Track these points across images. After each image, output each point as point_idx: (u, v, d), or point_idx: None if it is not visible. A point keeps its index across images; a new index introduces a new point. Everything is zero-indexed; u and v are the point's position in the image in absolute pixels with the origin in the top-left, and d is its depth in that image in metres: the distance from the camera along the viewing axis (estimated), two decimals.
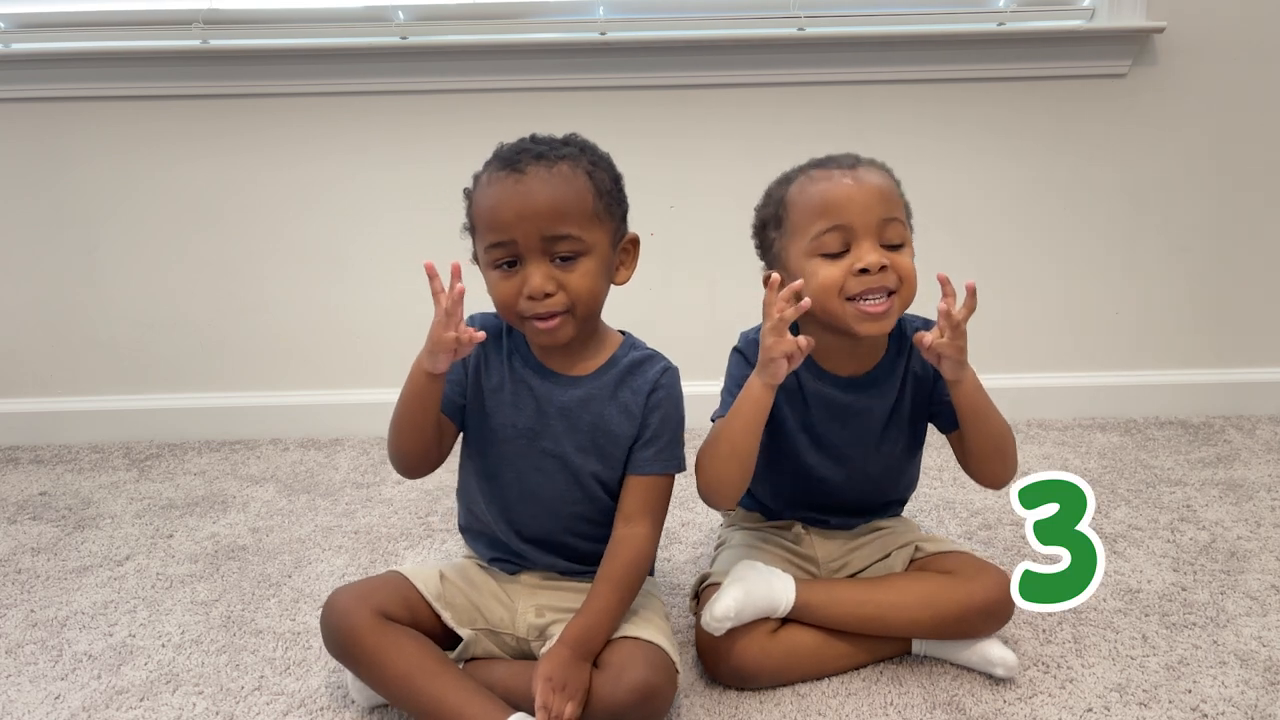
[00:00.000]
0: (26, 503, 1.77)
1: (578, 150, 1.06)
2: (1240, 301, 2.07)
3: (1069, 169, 1.99)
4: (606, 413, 1.09)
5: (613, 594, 1.06)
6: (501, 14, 1.91)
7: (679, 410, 1.13)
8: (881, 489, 1.24)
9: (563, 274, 1.02)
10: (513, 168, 1.02)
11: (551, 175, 1.01)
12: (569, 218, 1.01)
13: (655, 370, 1.12)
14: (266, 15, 1.91)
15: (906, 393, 1.18)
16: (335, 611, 1.05)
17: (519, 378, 1.11)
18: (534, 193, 1.00)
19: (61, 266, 2.02)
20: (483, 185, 1.05)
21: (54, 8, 1.91)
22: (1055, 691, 1.11)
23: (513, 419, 1.10)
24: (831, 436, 1.17)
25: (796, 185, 1.11)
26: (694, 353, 1.41)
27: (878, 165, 1.12)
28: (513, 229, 1.00)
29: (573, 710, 0.96)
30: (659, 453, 1.10)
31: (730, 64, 1.92)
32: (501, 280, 1.03)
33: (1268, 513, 1.59)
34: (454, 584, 1.12)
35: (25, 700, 1.14)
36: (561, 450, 1.10)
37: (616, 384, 1.10)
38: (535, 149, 1.04)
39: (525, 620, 1.12)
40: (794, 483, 1.21)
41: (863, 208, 1.05)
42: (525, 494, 1.12)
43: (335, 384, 2.07)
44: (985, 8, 1.93)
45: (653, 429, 1.10)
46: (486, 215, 1.03)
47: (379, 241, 2.00)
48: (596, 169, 1.06)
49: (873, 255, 1.04)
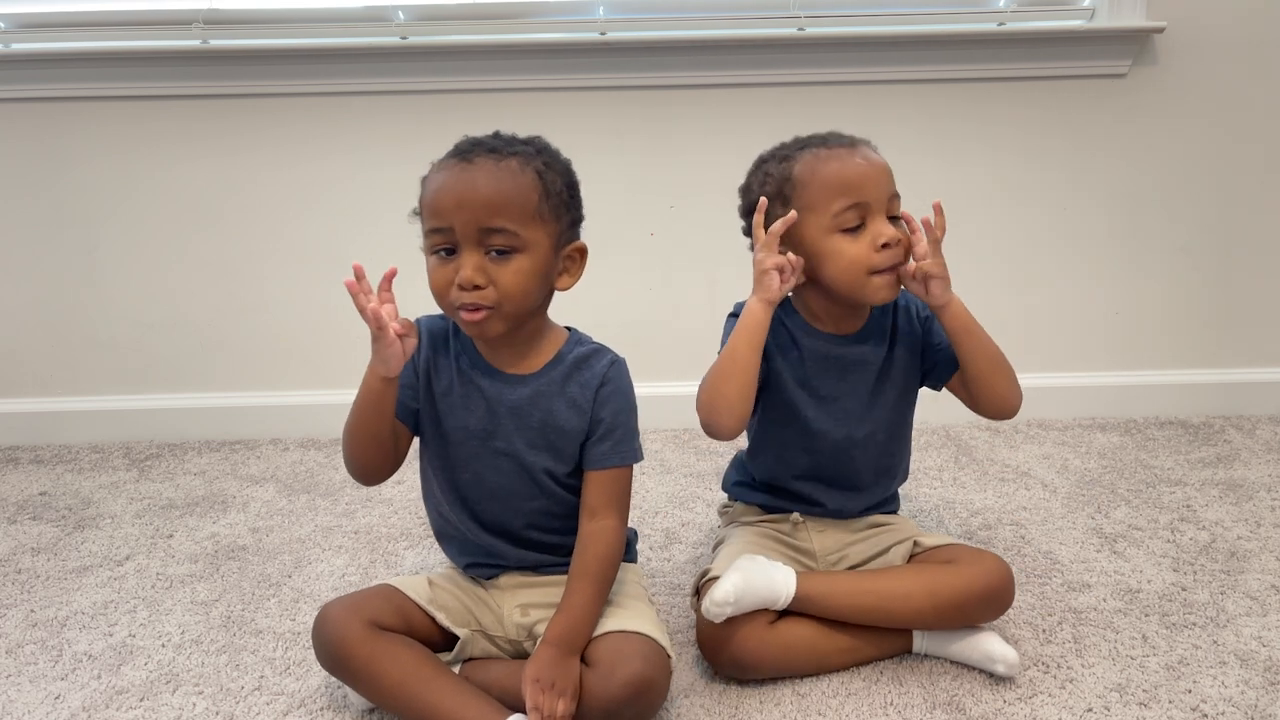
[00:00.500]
0: (26, 503, 1.77)
1: (534, 150, 1.06)
2: (1240, 301, 2.07)
3: (1069, 169, 1.99)
4: (555, 408, 1.10)
5: (589, 588, 1.06)
6: (501, 14, 1.91)
7: (629, 401, 1.13)
8: (879, 449, 1.25)
9: (495, 268, 1.01)
10: (462, 157, 1.03)
11: (498, 168, 1.01)
12: (507, 212, 1.01)
13: (602, 364, 1.12)
14: (266, 15, 1.90)
15: (896, 347, 1.23)
16: (327, 624, 1.05)
17: (467, 379, 1.11)
18: (476, 182, 1.00)
19: (61, 266, 2.02)
20: (433, 171, 1.05)
21: (54, 8, 1.91)
22: (1055, 691, 1.11)
23: (464, 421, 1.10)
24: (828, 390, 1.21)
25: (804, 164, 1.14)
26: (694, 352, 1.41)
27: (866, 142, 1.19)
28: (451, 216, 1.00)
29: (565, 706, 0.96)
30: (615, 446, 1.11)
31: (730, 64, 1.92)
32: (437, 266, 1.03)
33: (1268, 513, 1.59)
34: (444, 588, 1.13)
35: (25, 700, 1.14)
36: (514, 448, 1.10)
37: (564, 380, 1.11)
38: (492, 143, 1.05)
39: (512, 621, 1.12)
40: (797, 444, 1.23)
41: (876, 185, 1.13)
42: (485, 494, 1.12)
43: (335, 384, 2.06)
44: (985, 8, 1.93)
45: (605, 423, 1.10)
46: (430, 200, 1.03)
47: (379, 241, 2.00)
48: (549, 170, 1.05)
49: (890, 229, 1.12)
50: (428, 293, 1.05)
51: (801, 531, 1.26)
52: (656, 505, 1.68)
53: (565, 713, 0.96)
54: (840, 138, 1.17)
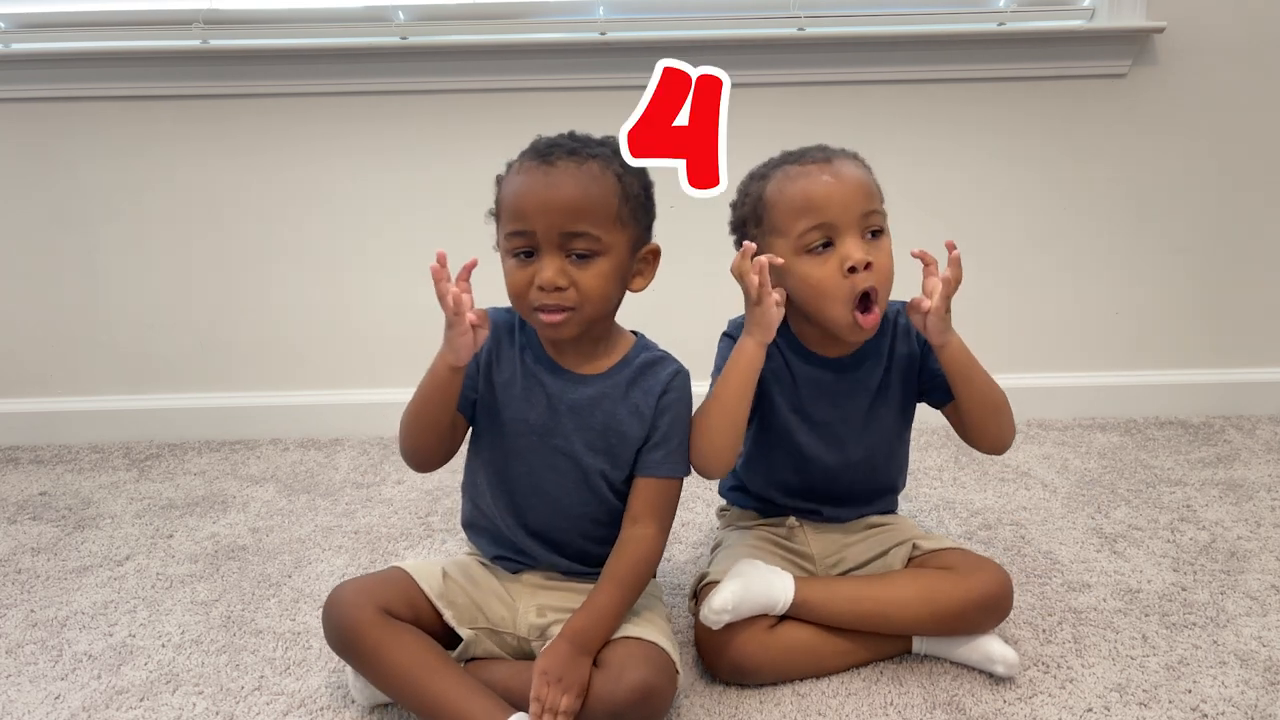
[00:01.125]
0: (26, 503, 1.77)
1: (610, 152, 1.06)
2: (1240, 301, 2.07)
3: (1069, 169, 1.99)
4: (617, 413, 1.10)
5: (616, 591, 1.06)
6: (501, 14, 1.91)
7: (689, 413, 1.13)
8: (873, 469, 1.25)
9: (576, 271, 1.02)
10: (543, 159, 1.03)
11: (580, 172, 1.02)
12: (590, 216, 1.01)
13: (667, 372, 1.12)
14: (266, 15, 1.90)
15: (893, 370, 1.20)
16: (338, 606, 1.05)
17: (530, 373, 1.11)
18: (559, 186, 1.01)
19: (61, 267, 2.02)
20: (512, 173, 1.06)
21: (54, 8, 1.91)
22: (1055, 691, 1.11)
23: (524, 414, 1.10)
24: (822, 415, 1.19)
25: (774, 183, 1.12)
26: (694, 352, 1.41)
27: (850, 155, 1.14)
28: (533, 219, 1.01)
29: (569, 702, 0.96)
30: (668, 455, 1.11)
31: (730, 64, 1.89)
32: (517, 269, 1.04)
33: (1268, 513, 1.59)
34: (456, 582, 1.13)
35: (25, 700, 1.14)
36: (572, 449, 1.10)
37: (628, 384, 1.11)
38: (569, 144, 1.05)
39: (526, 620, 1.12)
40: (788, 466, 1.23)
41: (843, 205, 1.08)
42: (534, 490, 1.12)
43: (335, 384, 2.07)
44: (985, 8, 1.93)
45: (662, 431, 1.11)
46: (510, 202, 1.03)
47: (379, 241, 2.00)
48: (627, 173, 1.06)
49: (858, 253, 1.07)
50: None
51: (798, 535, 1.25)
52: None
53: (568, 708, 0.96)
54: (817, 152, 1.13)
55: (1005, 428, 1.15)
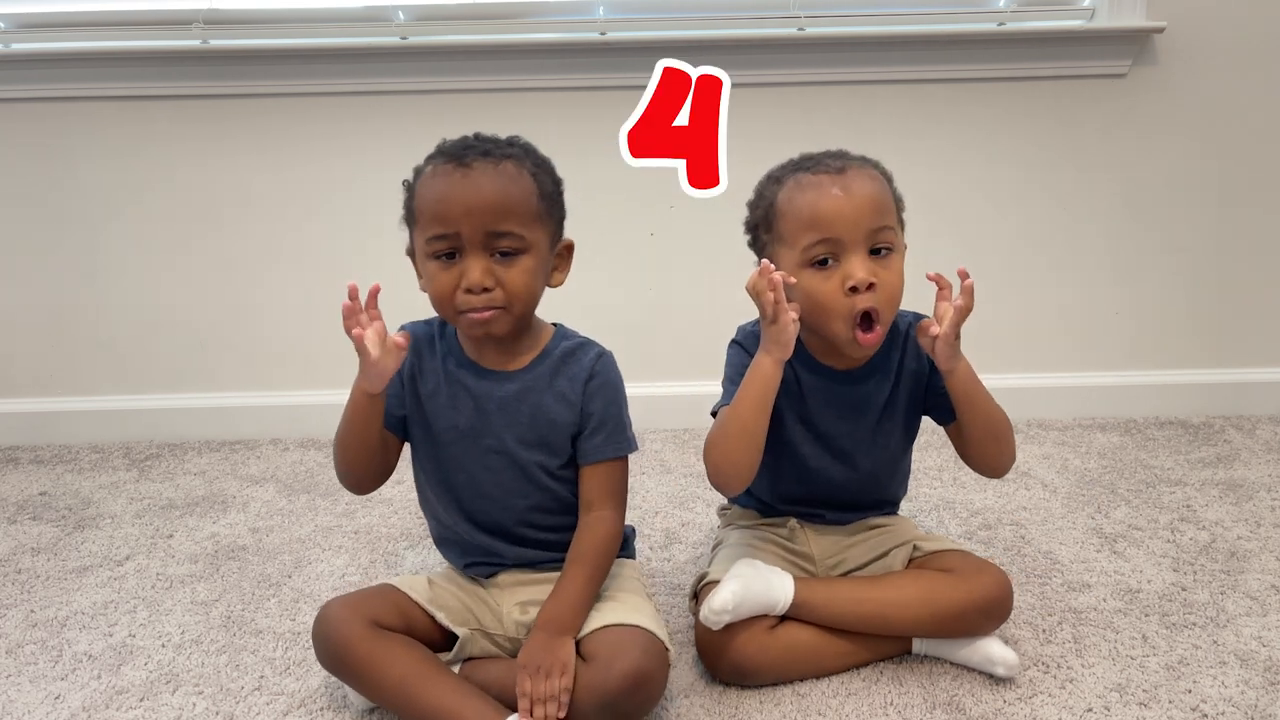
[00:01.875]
0: (26, 503, 1.77)
1: (522, 151, 1.08)
2: (1239, 301, 2.07)
3: (1069, 169, 1.99)
4: (544, 402, 1.11)
5: (581, 573, 1.07)
6: (501, 14, 1.91)
7: (619, 393, 1.14)
8: (877, 482, 1.25)
9: (502, 270, 1.04)
10: (459, 162, 1.03)
11: (498, 172, 1.03)
12: (513, 214, 1.03)
13: (590, 357, 1.13)
14: (266, 15, 1.90)
15: (901, 385, 1.19)
16: (327, 623, 1.05)
17: (454, 379, 1.12)
18: (480, 187, 1.02)
19: (62, 267, 2.02)
20: (426, 177, 1.06)
21: (54, 8, 1.91)
22: (1055, 691, 1.11)
23: (453, 421, 1.11)
24: (828, 428, 1.18)
25: (785, 192, 1.11)
26: (693, 352, 1.41)
27: (868, 166, 1.11)
28: (458, 222, 1.02)
29: (555, 684, 0.97)
30: (608, 438, 1.12)
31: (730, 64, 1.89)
32: (440, 272, 1.04)
33: (1268, 513, 1.59)
34: (444, 588, 1.14)
35: (25, 700, 1.14)
36: (505, 445, 1.11)
37: (552, 374, 1.12)
38: (481, 145, 1.06)
39: (512, 619, 1.12)
40: (792, 476, 1.22)
41: (852, 222, 1.06)
42: (478, 493, 1.13)
43: (335, 384, 2.05)
44: (985, 8, 1.93)
45: (598, 417, 1.11)
46: (431, 207, 1.04)
47: (378, 241, 1.99)
48: (540, 170, 1.08)
49: (861, 272, 1.05)
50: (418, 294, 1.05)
51: (799, 535, 1.25)
52: (656, 505, 1.68)
53: (559, 689, 0.96)
54: (833, 160, 1.10)
55: (1005, 454, 1.14)
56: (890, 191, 1.12)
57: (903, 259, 1.11)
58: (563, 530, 1.13)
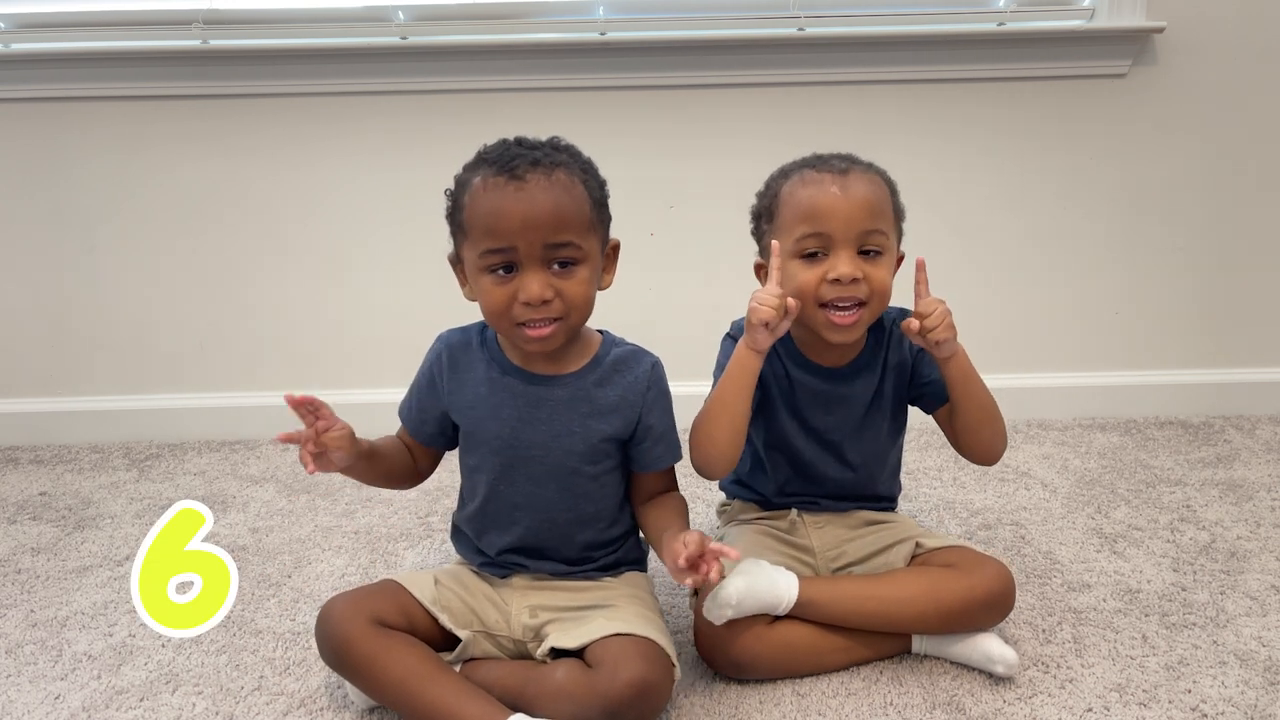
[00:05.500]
0: (26, 503, 1.77)
1: (569, 157, 1.06)
2: (1240, 301, 2.07)
3: (1069, 169, 1.99)
4: (595, 408, 1.11)
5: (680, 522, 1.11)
6: (501, 14, 1.91)
7: (670, 401, 1.16)
8: (869, 472, 1.27)
9: (560, 281, 1.03)
10: (511, 174, 1.01)
11: (552, 184, 1.02)
12: (570, 226, 1.02)
13: (645, 366, 1.14)
14: (266, 15, 1.90)
15: (887, 381, 1.23)
16: (329, 621, 1.05)
17: (499, 385, 1.11)
18: (537, 201, 1.00)
19: (61, 266, 2.02)
20: (477, 190, 1.03)
21: (54, 8, 1.91)
22: (1055, 691, 1.11)
23: (496, 429, 1.11)
24: (817, 422, 1.23)
25: (789, 184, 1.16)
26: (693, 352, 1.41)
27: (872, 172, 1.15)
28: (515, 237, 1.00)
29: None
30: (668, 447, 1.15)
31: (730, 64, 1.92)
32: (495, 286, 1.03)
33: (1268, 513, 1.59)
34: (448, 588, 1.13)
35: (25, 700, 1.14)
36: (548, 452, 1.11)
37: (602, 381, 1.12)
38: (530, 155, 1.03)
39: (519, 622, 1.12)
40: (788, 468, 1.26)
41: (844, 220, 1.10)
42: (520, 500, 1.13)
43: (335, 384, 2.06)
44: (985, 8, 1.93)
45: (656, 429, 1.13)
46: (484, 221, 1.02)
47: (379, 241, 2.00)
48: (589, 176, 1.07)
49: (846, 267, 1.09)
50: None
51: (800, 529, 1.26)
52: None
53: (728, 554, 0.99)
54: (839, 162, 1.15)
55: (998, 437, 1.18)
56: (890, 199, 1.15)
57: (893, 265, 1.15)
58: (593, 547, 1.15)
